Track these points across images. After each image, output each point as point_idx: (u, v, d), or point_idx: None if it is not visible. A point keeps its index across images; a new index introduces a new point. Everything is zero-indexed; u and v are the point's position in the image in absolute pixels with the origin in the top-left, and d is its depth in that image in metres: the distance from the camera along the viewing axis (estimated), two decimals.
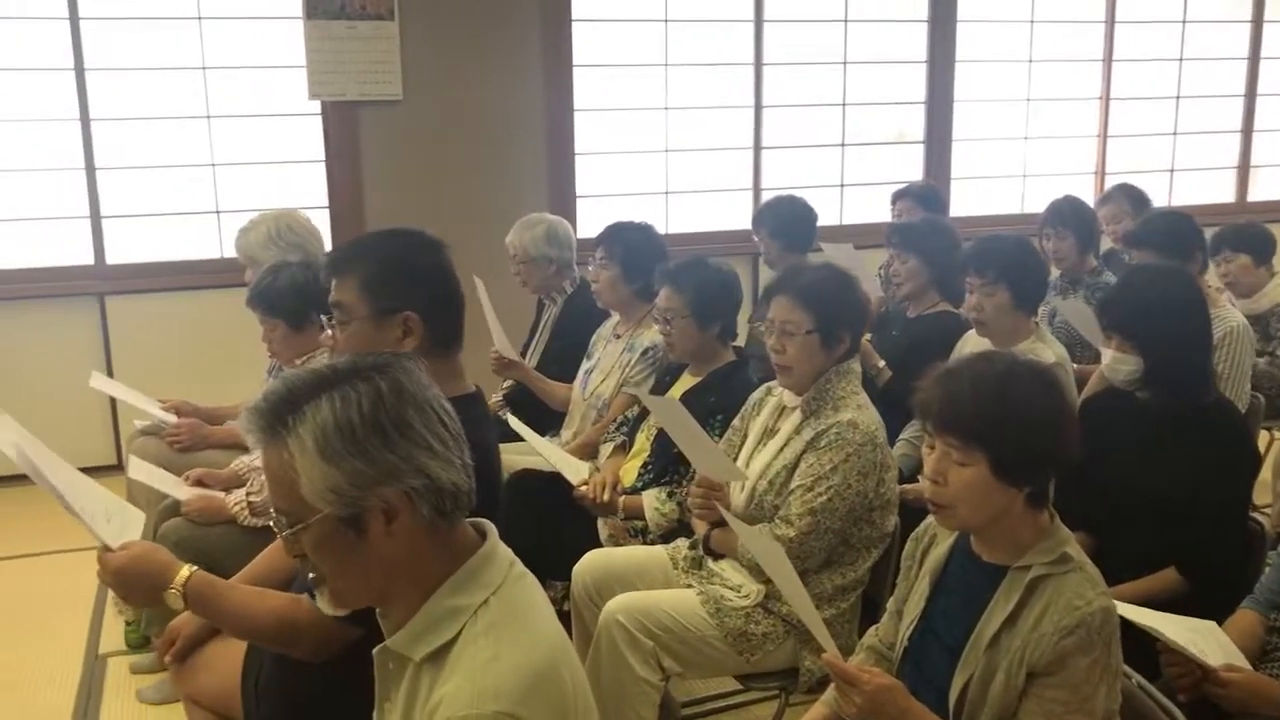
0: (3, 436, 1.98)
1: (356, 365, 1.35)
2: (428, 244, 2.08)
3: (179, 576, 1.85)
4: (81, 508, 1.95)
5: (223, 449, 3.44)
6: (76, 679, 3.18)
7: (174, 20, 4.72)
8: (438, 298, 2.02)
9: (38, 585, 3.79)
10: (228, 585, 1.92)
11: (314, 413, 1.30)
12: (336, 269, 2.03)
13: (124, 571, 1.88)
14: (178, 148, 4.81)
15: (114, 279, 4.78)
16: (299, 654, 1.84)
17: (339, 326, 2.02)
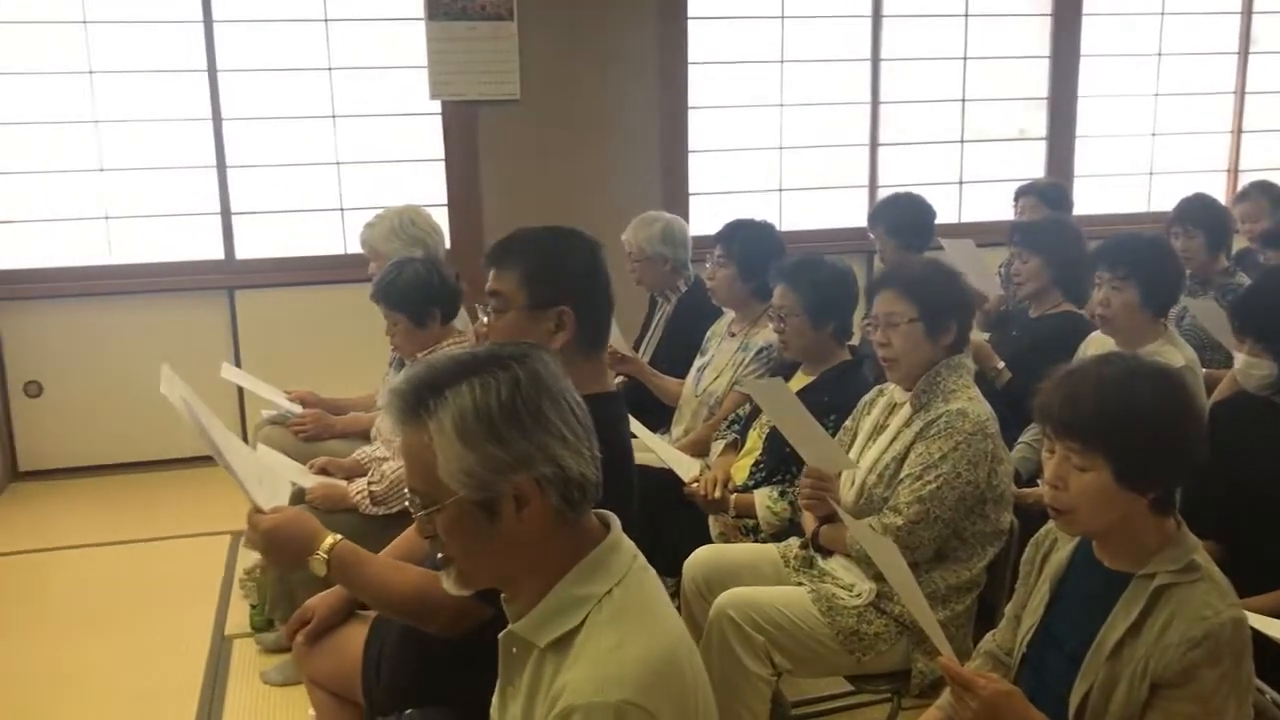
0: (173, 391, 2.08)
1: (496, 354, 1.39)
2: (587, 244, 2.11)
3: (325, 543, 1.90)
4: (237, 466, 2.02)
5: (345, 439, 3.55)
6: (204, 658, 3.31)
7: (302, 22, 4.87)
8: (592, 296, 2.06)
9: (170, 567, 3.95)
10: (369, 556, 1.97)
11: (455, 397, 1.34)
12: (498, 260, 2.06)
13: (273, 533, 1.93)
14: (304, 146, 4.96)
15: (243, 273, 4.96)
16: (431, 627, 1.89)
17: (495, 315, 2.06)
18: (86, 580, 3.89)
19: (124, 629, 3.50)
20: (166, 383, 2.17)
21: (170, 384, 2.16)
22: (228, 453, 2.01)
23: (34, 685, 3.18)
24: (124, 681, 3.19)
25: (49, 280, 4.78)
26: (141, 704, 3.08)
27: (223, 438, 2.10)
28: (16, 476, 4.84)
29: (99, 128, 4.76)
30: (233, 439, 2.22)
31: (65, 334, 4.80)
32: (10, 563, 4.04)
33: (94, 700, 3.10)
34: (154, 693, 3.13)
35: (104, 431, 4.87)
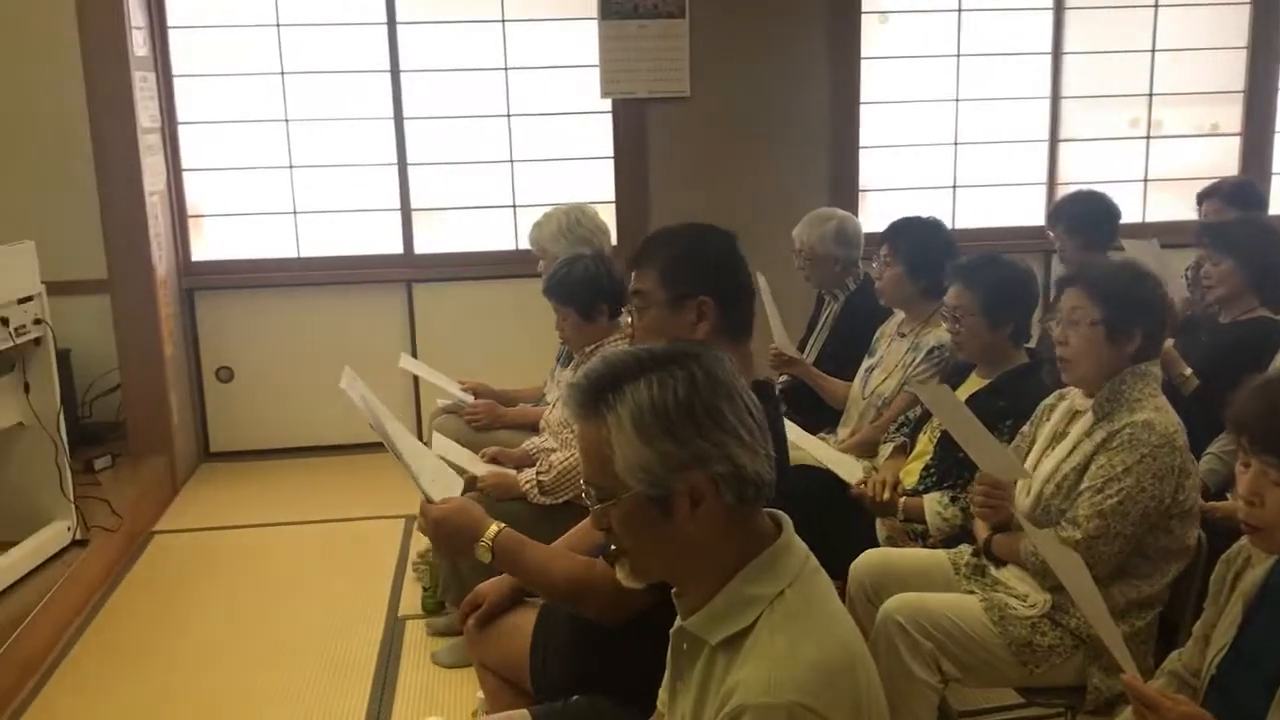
0: (353, 389, 2.18)
1: (673, 351, 1.41)
2: (720, 234, 2.16)
3: (489, 531, 1.99)
4: (411, 461, 2.13)
5: (515, 429, 3.64)
6: (379, 637, 3.44)
7: (480, 24, 5.00)
8: (730, 284, 2.10)
9: (348, 548, 4.13)
10: (531, 543, 2.04)
11: (633, 393, 1.36)
12: (638, 261, 2.14)
13: (443, 522, 2.03)
14: (480, 145, 5.10)
15: (420, 267, 5.13)
16: (589, 611, 1.95)
17: (638, 313, 2.13)
18: (270, 556, 4.10)
19: (305, 604, 3.67)
20: (347, 381, 2.30)
21: (351, 383, 2.28)
22: (403, 448, 2.12)
23: (223, 652, 3.38)
24: (305, 652, 3.35)
25: (241, 272, 5.05)
26: (321, 675, 3.23)
27: (398, 434, 2.22)
28: (207, 457, 5.13)
29: (289, 127, 4.99)
30: (408, 436, 2.34)
31: (255, 323, 5.07)
32: (202, 537, 4.29)
33: (278, 668, 3.27)
34: (333, 665, 3.27)
35: (288, 416, 5.12)
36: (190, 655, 3.36)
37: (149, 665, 3.31)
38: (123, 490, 4.21)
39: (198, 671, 3.27)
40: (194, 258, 5.03)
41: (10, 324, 3.41)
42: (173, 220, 4.89)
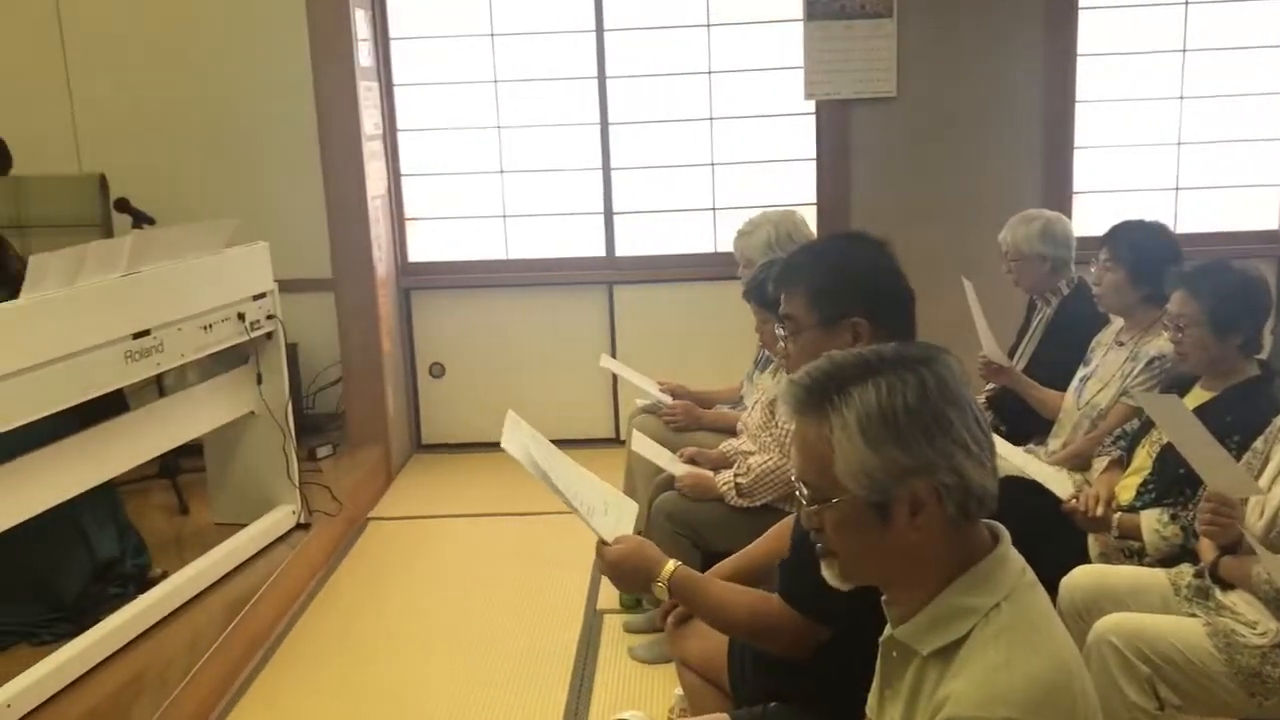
0: (514, 440, 2.20)
1: (902, 355, 1.38)
2: (866, 244, 2.08)
3: (664, 572, 2.02)
4: (581, 503, 2.15)
5: (712, 431, 3.67)
6: (578, 629, 3.52)
7: (685, 29, 5.05)
8: (882, 298, 2.01)
9: (548, 541, 4.23)
10: (705, 580, 2.07)
11: (860, 396, 1.34)
12: (784, 283, 2.09)
13: (617, 565, 2.08)
14: (682, 148, 5.15)
15: (621, 269, 5.23)
16: (773, 649, 1.95)
17: (790, 339, 2.06)
18: (476, 546, 4.25)
19: (507, 593, 3.80)
20: (510, 429, 2.27)
21: (513, 431, 2.26)
22: (570, 495, 2.11)
23: (430, 635, 3.53)
24: (507, 641, 3.46)
25: (454, 272, 5.26)
26: (523, 664, 3.33)
27: (566, 478, 2.19)
28: (419, 448, 5.37)
29: (501, 133, 5.17)
30: (578, 473, 2.31)
31: (465, 321, 5.27)
32: (413, 525, 4.49)
33: (482, 655, 3.39)
34: (533, 655, 3.37)
35: (495, 411, 5.24)
36: (400, 637, 3.52)
37: (362, 645, 3.49)
38: (342, 478, 4.46)
39: (407, 653, 3.42)
40: (410, 258, 5.27)
41: (246, 319, 3.67)
42: (392, 223, 5.13)
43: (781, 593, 1.91)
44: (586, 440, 5.25)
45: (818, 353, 1.97)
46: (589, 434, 5.25)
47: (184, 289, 3.38)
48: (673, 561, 2.04)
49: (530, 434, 2.29)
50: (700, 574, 2.07)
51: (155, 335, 3.22)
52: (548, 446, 2.30)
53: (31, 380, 2.77)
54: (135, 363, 3.16)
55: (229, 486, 3.99)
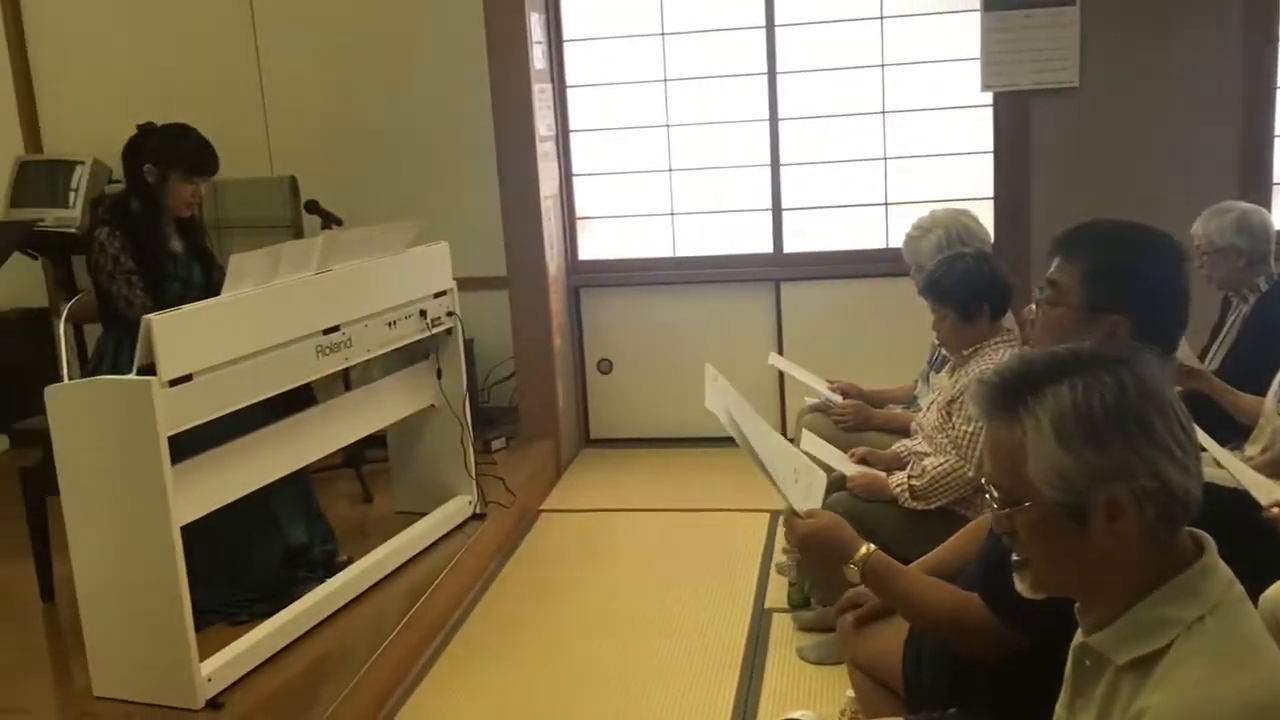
0: (717, 401, 2.23)
1: (1099, 354, 1.33)
2: (1172, 252, 1.94)
3: (859, 552, 1.98)
4: (775, 470, 2.12)
5: (884, 431, 3.61)
6: (746, 627, 3.52)
7: (857, 22, 4.98)
8: (1161, 313, 1.89)
9: (715, 537, 4.25)
10: (903, 569, 2.01)
11: (1055, 396, 1.30)
12: (1065, 248, 1.98)
13: (810, 539, 2.04)
14: (852, 143, 5.08)
15: (789, 266, 5.19)
16: (964, 650, 1.89)
17: (1045, 306, 1.98)
18: (642, 541, 4.30)
19: (676, 588, 3.82)
20: (710, 383, 2.30)
21: (713, 385, 2.29)
22: (766, 459, 2.10)
23: (599, 629, 3.58)
24: (676, 636, 3.49)
25: (622, 270, 5.33)
26: (691, 659, 3.35)
27: (762, 441, 2.18)
28: (588, 443, 5.46)
29: (670, 131, 5.20)
30: (773, 437, 2.29)
31: (633, 318, 5.33)
32: (582, 518, 4.57)
33: (650, 649, 3.42)
34: (702, 651, 3.39)
35: (661, 408, 5.34)
36: (570, 629, 3.59)
37: (534, 634, 3.57)
38: (515, 470, 4.57)
39: (576, 645, 3.49)
40: (580, 257, 5.35)
41: (428, 316, 3.80)
42: (563, 222, 5.23)
43: (983, 596, 1.86)
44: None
45: (1066, 334, 1.89)
46: None
47: (371, 287, 3.52)
48: (868, 544, 1.99)
49: (727, 389, 2.29)
50: (897, 561, 2.02)
51: (344, 331, 3.37)
52: (748, 410, 2.29)
53: (232, 373, 2.94)
54: (325, 357, 3.31)
55: (410, 477, 4.14)
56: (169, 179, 3.42)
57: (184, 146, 3.43)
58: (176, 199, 3.45)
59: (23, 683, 3.14)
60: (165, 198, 3.44)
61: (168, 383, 2.72)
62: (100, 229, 3.39)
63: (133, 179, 3.46)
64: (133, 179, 3.46)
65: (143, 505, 2.76)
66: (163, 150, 3.42)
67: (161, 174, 3.41)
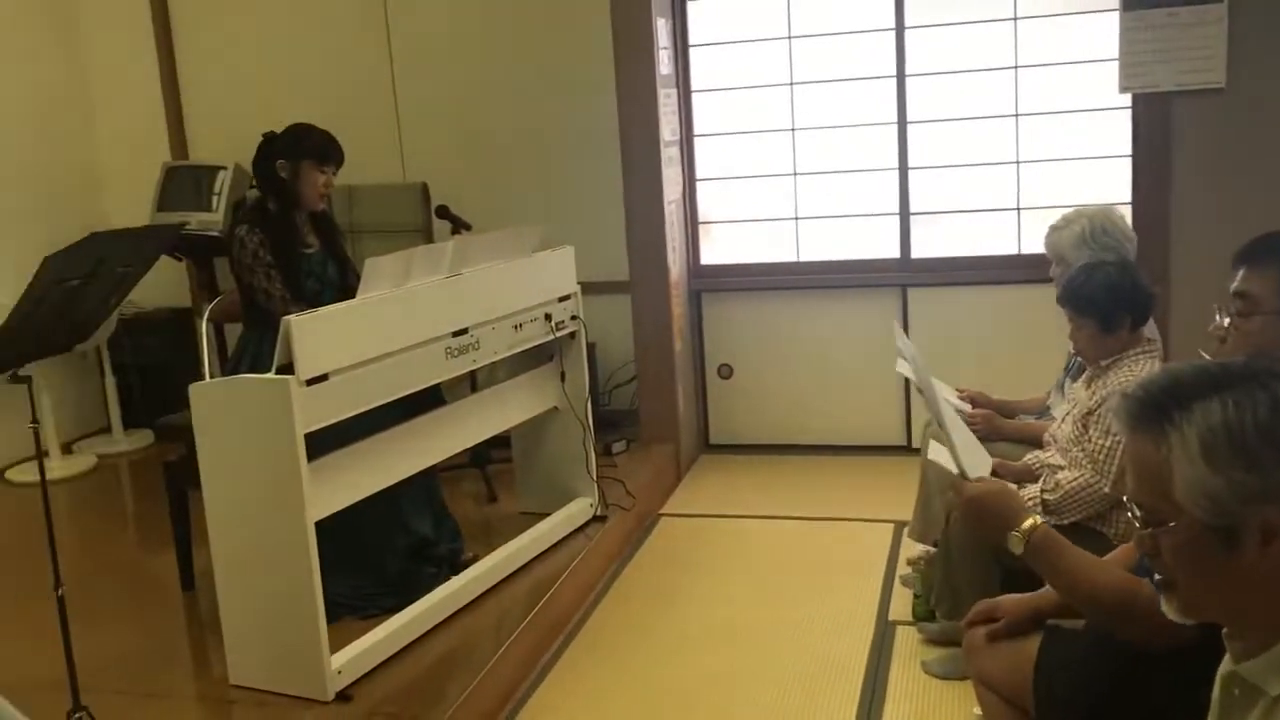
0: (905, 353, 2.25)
1: (1252, 368, 1.27)
2: None
3: (1025, 523, 1.96)
4: (953, 430, 2.16)
5: (1014, 442, 3.51)
6: (868, 639, 3.46)
7: (989, 23, 4.87)
8: None
9: (836, 547, 4.20)
10: (1068, 545, 1.97)
11: (1204, 412, 1.24)
12: (1252, 258, 1.96)
13: (978, 501, 2.05)
14: (983, 146, 4.97)
15: (916, 272, 5.10)
16: (1126, 633, 1.84)
17: (1239, 319, 1.95)
18: (765, 547, 4.26)
19: (797, 597, 3.78)
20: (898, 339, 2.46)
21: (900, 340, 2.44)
22: (945, 414, 2.13)
23: (718, 634, 3.56)
24: (795, 645, 3.45)
25: (744, 274, 5.30)
26: (811, 669, 3.31)
27: (942, 406, 2.22)
28: (707, 448, 5.45)
29: (795, 135, 5.16)
30: (949, 408, 2.33)
31: (754, 323, 5.30)
32: (701, 523, 4.56)
33: (768, 657, 3.39)
34: (822, 661, 3.35)
35: (782, 414, 5.30)
36: (689, 634, 3.58)
37: (654, 638, 3.57)
38: (635, 473, 4.59)
39: (695, 651, 3.48)
40: (702, 261, 5.35)
41: (553, 319, 3.84)
42: (686, 226, 5.23)
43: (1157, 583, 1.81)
44: (876, 447, 5.18)
45: (1267, 341, 1.87)
46: (879, 440, 5.17)
47: (498, 291, 3.58)
48: (1035, 516, 1.97)
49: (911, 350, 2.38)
50: (1062, 537, 1.98)
51: (472, 333, 3.43)
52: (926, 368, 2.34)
53: (366, 373, 3.02)
54: (454, 359, 3.38)
55: (533, 477, 4.19)
56: (300, 170, 3.57)
57: (310, 139, 3.60)
58: (309, 189, 3.59)
59: (164, 668, 3.28)
60: (299, 189, 3.58)
61: (305, 382, 2.81)
62: (240, 226, 3.55)
63: (265, 179, 3.62)
64: (265, 179, 3.62)
65: (279, 500, 2.85)
66: (291, 145, 3.58)
67: (293, 167, 3.57)
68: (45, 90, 5.61)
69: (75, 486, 5.08)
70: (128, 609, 3.69)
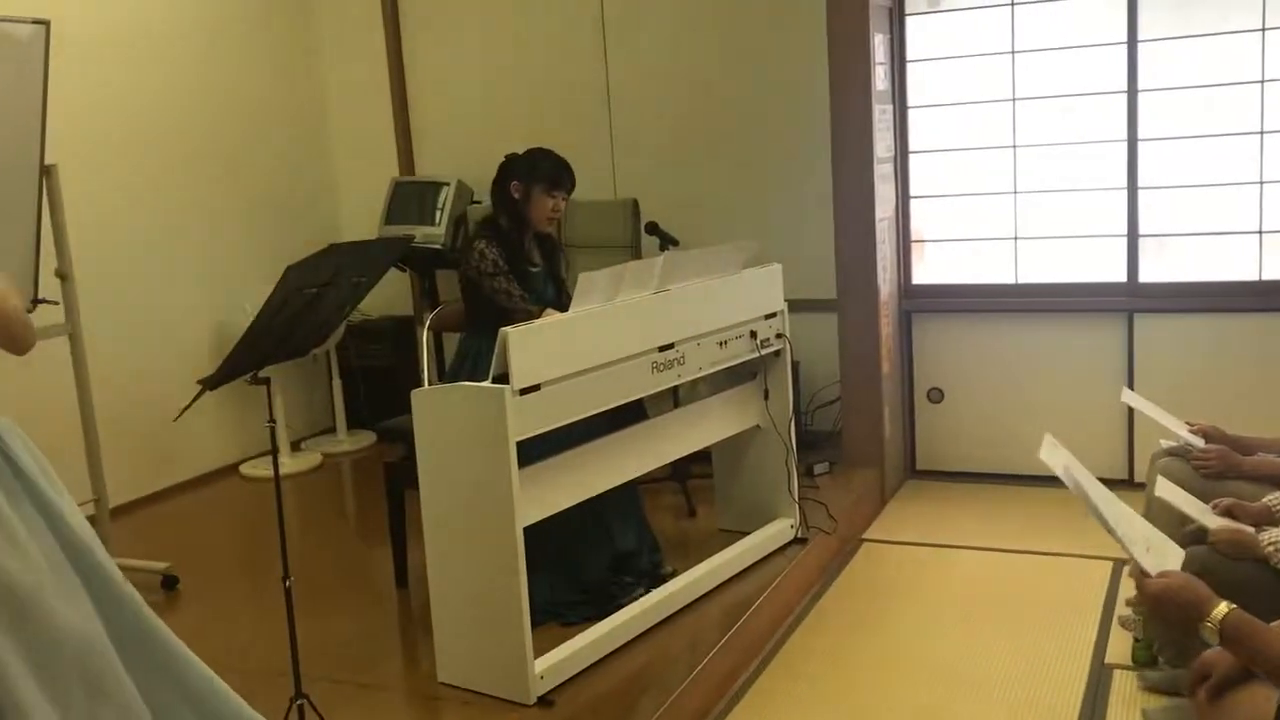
0: (1054, 457, 2.16)
1: None
2: None
3: (1216, 612, 1.87)
4: (1123, 532, 2.08)
5: (1252, 481, 3.27)
6: (1082, 682, 3.29)
7: (1234, 35, 4.57)
8: None
9: (1049, 583, 4.01)
10: (1266, 627, 1.85)
11: None
12: None
13: (1161, 597, 1.95)
14: (1223, 165, 4.66)
15: (1145, 297, 4.83)
16: None
17: None
18: (973, 580, 4.11)
19: (1006, 635, 3.63)
20: (1048, 450, 2.31)
21: (1052, 451, 2.29)
22: (1108, 513, 2.06)
23: (920, 668, 3.45)
24: (1003, 685, 3.31)
25: (959, 295, 5.15)
26: (1019, 711, 3.16)
27: (1106, 504, 2.14)
28: (913, 474, 5.31)
29: (1015, 153, 4.98)
30: (1117, 504, 2.22)
31: (968, 346, 5.14)
32: (906, 551, 4.44)
33: (976, 696, 3.26)
34: (1029, 705, 3.19)
35: (995, 442, 5.11)
36: (890, 666, 3.49)
37: (853, 668, 3.49)
38: (837, 496, 4.51)
39: (896, 683, 3.38)
40: (914, 281, 5.23)
41: (758, 336, 3.83)
42: (898, 245, 5.12)
43: None
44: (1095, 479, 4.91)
45: None
46: (1099, 473, 4.79)
47: (705, 307, 3.59)
48: (1225, 602, 1.87)
49: (1068, 456, 2.28)
50: (1257, 619, 1.86)
51: (678, 349, 3.46)
52: (1084, 472, 2.25)
53: (575, 385, 3.08)
54: (660, 373, 3.41)
55: (733, 495, 4.18)
56: (532, 193, 3.71)
57: (544, 164, 3.74)
58: (539, 212, 3.73)
59: (377, 661, 3.42)
60: (529, 211, 3.72)
61: (518, 391, 2.89)
62: (479, 240, 3.72)
63: (500, 199, 3.78)
64: (500, 199, 3.78)
65: (491, 504, 2.94)
66: (526, 169, 3.73)
67: (526, 189, 3.71)
68: (289, 112, 5.99)
69: (301, 482, 5.38)
70: (345, 601, 3.88)
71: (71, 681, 2.12)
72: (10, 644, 2.05)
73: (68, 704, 2.10)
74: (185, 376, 4.82)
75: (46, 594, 2.10)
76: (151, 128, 5.15)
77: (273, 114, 5.88)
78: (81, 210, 4.20)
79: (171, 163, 5.26)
